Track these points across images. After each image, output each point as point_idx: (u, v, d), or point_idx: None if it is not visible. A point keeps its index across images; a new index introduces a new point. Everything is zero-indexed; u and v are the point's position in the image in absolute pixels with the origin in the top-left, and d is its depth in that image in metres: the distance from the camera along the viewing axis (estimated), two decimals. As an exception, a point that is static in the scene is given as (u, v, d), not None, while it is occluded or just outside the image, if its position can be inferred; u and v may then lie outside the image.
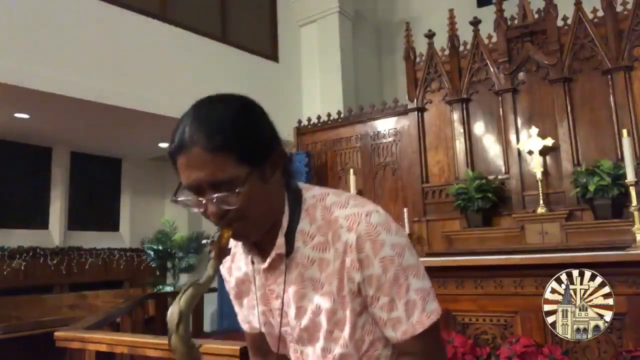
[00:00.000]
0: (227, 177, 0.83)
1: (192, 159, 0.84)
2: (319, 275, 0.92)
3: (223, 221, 0.86)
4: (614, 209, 4.31)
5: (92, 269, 6.91)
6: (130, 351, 2.59)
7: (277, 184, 0.93)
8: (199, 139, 0.84)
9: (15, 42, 4.45)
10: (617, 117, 4.53)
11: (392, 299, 0.89)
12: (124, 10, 5.29)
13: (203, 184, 0.85)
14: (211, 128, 0.84)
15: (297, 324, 0.95)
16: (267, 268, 0.95)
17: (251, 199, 0.85)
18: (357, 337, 0.92)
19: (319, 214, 0.93)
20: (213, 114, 0.87)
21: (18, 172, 6.52)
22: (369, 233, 0.88)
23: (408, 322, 0.90)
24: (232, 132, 0.84)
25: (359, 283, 0.89)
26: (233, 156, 0.83)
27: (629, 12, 4.60)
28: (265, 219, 0.91)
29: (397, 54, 6.92)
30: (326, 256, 0.91)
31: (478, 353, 2.54)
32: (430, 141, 5.50)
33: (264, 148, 0.88)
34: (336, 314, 0.91)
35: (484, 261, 2.74)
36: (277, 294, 0.96)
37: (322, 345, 0.94)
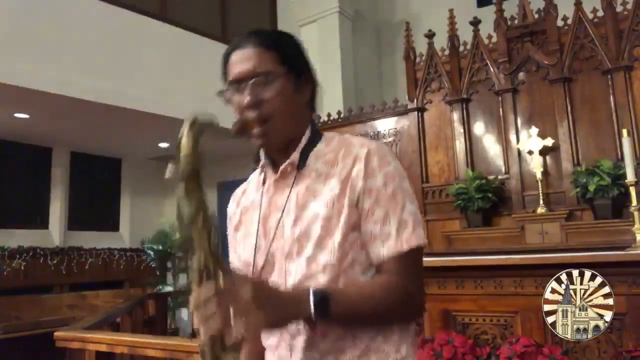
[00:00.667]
0: (267, 69, 0.97)
1: (244, 53, 0.99)
2: (323, 187, 0.98)
3: (256, 114, 0.96)
4: (614, 209, 4.31)
5: (92, 269, 6.91)
6: (130, 351, 2.60)
7: (305, 108, 1.05)
8: (251, 39, 1.00)
9: (15, 42, 4.45)
10: (617, 117, 4.53)
11: (387, 213, 0.95)
12: (124, 10, 5.29)
13: (246, 76, 0.97)
14: (263, 33, 1.02)
15: (292, 232, 0.97)
16: (277, 179, 1.02)
17: (282, 97, 0.97)
18: (344, 249, 0.95)
19: (336, 140, 1.04)
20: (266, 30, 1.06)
21: (18, 172, 6.52)
22: (379, 150, 0.99)
23: (397, 238, 0.95)
24: (278, 37, 1.03)
25: (359, 193, 0.95)
26: (276, 55, 0.98)
27: (629, 12, 4.59)
28: (290, 125, 1.00)
29: (397, 54, 6.91)
30: (333, 171, 0.99)
31: (478, 353, 2.54)
32: (430, 141, 5.50)
33: (302, 63, 1.04)
34: (330, 221, 0.95)
35: (484, 261, 2.74)
36: (279, 205, 1.01)
37: (309, 254, 0.95)
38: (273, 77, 0.97)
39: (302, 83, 1.02)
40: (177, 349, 2.33)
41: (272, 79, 0.96)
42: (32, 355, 4.43)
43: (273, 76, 0.97)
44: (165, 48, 5.60)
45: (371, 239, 0.96)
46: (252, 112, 0.96)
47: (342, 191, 0.96)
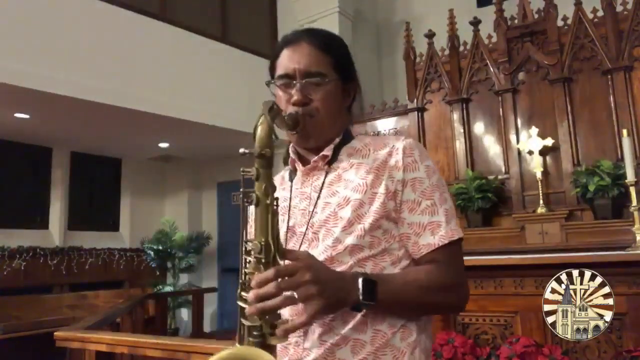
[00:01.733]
0: (320, 71, 0.99)
1: (298, 49, 1.01)
2: (354, 177, 0.99)
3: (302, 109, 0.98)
4: (614, 209, 4.30)
5: (92, 269, 6.91)
6: (130, 351, 2.60)
7: (347, 112, 1.09)
8: (309, 37, 1.02)
9: (15, 42, 4.45)
10: (617, 117, 4.52)
11: (434, 203, 0.97)
12: (124, 10, 5.29)
13: (299, 73, 0.99)
14: (322, 35, 1.05)
15: (318, 218, 0.99)
16: (307, 170, 1.04)
17: (330, 99, 1.00)
18: (376, 234, 0.95)
19: (369, 138, 1.07)
20: (323, 30, 1.09)
21: (18, 172, 6.52)
22: (417, 145, 1.01)
23: (447, 227, 0.96)
24: (335, 44, 1.06)
25: (398, 182, 0.96)
26: (330, 60, 1.01)
27: (629, 12, 4.59)
28: (330, 126, 1.03)
29: (397, 54, 6.91)
30: (366, 161, 1.00)
31: (478, 353, 2.54)
32: (430, 141, 5.50)
33: (352, 71, 1.07)
34: (362, 207, 0.96)
35: (484, 261, 2.74)
36: (307, 195, 1.03)
37: (336, 236, 0.95)
38: (325, 79, 0.99)
39: (347, 89, 1.06)
40: (177, 349, 2.33)
41: (323, 81, 0.99)
42: (32, 355, 4.43)
43: (325, 79, 0.99)
44: (165, 48, 5.59)
45: (420, 229, 0.96)
46: (299, 109, 0.98)
47: (376, 178, 0.97)
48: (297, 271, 0.82)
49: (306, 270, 0.82)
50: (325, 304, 0.83)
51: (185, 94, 5.61)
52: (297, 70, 0.99)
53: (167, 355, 2.37)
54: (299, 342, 0.96)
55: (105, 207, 7.54)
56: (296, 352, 0.96)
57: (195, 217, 8.02)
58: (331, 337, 0.93)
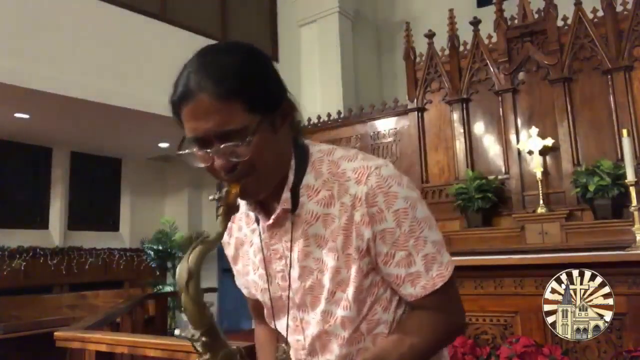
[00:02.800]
0: (237, 127, 0.78)
1: (199, 107, 0.79)
2: (324, 232, 0.88)
3: (232, 176, 0.81)
4: (614, 209, 4.31)
5: (92, 269, 6.91)
6: (130, 351, 2.59)
7: (286, 136, 0.89)
8: (206, 85, 0.78)
9: (15, 42, 4.45)
10: (617, 117, 4.52)
11: (409, 253, 0.86)
12: (124, 10, 5.29)
13: (210, 135, 0.79)
14: (219, 74, 0.79)
15: (301, 285, 0.90)
16: (271, 224, 0.90)
17: (261, 150, 0.80)
18: (361, 298, 0.88)
19: (325, 168, 0.89)
20: (220, 59, 0.83)
21: (18, 172, 6.52)
22: (380, 185, 0.84)
23: (428, 276, 0.87)
24: (241, 78, 0.80)
25: (368, 240, 0.85)
26: (243, 103, 0.78)
27: (629, 12, 4.59)
28: (274, 173, 0.86)
29: (397, 54, 6.91)
30: (331, 211, 0.87)
31: (478, 353, 2.54)
32: (430, 141, 5.50)
33: (274, 96, 0.84)
34: (340, 273, 0.87)
35: (484, 261, 2.74)
36: (280, 254, 0.92)
37: (323, 308, 0.89)
38: (245, 133, 0.78)
39: (279, 118, 0.85)
40: (177, 349, 2.33)
41: (244, 136, 0.78)
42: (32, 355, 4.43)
43: (245, 133, 0.78)
44: (165, 48, 5.59)
45: (399, 282, 0.88)
46: (229, 175, 0.82)
47: (346, 238, 0.86)
48: None
49: None
50: None
51: (185, 94, 5.60)
52: (209, 132, 0.79)
53: (167, 355, 2.36)
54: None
55: (105, 207, 7.54)
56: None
57: (195, 217, 8.03)
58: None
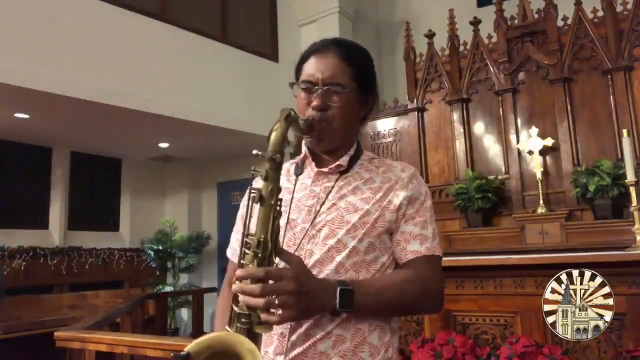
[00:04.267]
0: (341, 82, 1.07)
1: (326, 59, 1.09)
2: (363, 187, 1.09)
3: (318, 115, 1.05)
4: (614, 209, 4.31)
5: (92, 269, 6.91)
6: (130, 351, 2.60)
7: (360, 122, 1.17)
8: (336, 48, 1.10)
9: (15, 42, 4.45)
10: (617, 117, 4.53)
11: (425, 221, 1.09)
12: (124, 10, 5.29)
13: (322, 81, 1.07)
14: (346, 46, 1.13)
15: (325, 217, 1.06)
16: (323, 172, 1.11)
17: (346, 109, 1.08)
18: (372, 241, 1.05)
19: (377, 160, 1.17)
20: (349, 42, 1.16)
21: (18, 172, 6.52)
22: (416, 175, 1.14)
23: (432, 242, 1.08)
24: (359, 56, 1.13)
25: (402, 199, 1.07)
26: (352, 71, 1.09)
27: (629, 12, 4.59)
28: (345, 133, 1.11)
29: (397, 54, 6.91)
30: (375, 178, 1.11)
31: (478, 353, 2.54)
32: (430, 141, 5.50)
33: (373, 83, 1.15)
34: (368, 216, 1.05)
35: (484, 261, 2.74)
36: (316, 194, 1.10)
37: (339, 238, 1.03)
38: (344, 90, 1.07)
39: (365, 100, 1.14)
40: (177, 349, 2.33)
41: (343, 90, 1.07)
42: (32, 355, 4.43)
43: (345, 89, 1.07)
44: (165, 48, 5.59)
45: (410, 237, 1.07)
46: (317, 113, 1.06)
47: (384, 195, 1.08)
48: (284, 278, 0.88)
49: (292, 280, 0.88)
50: (297, 315, 0.90)
51: (185, 94, 5.61)
52: (321, 79, 1.07)
53: (167, 355, 2.36)
54: (285, 334, 1.01)
55: (105, 207, 7.53)
56: (280, 343, 1.02)
57: (195, 217, 8.02)
58: (317, 332, 0.99)
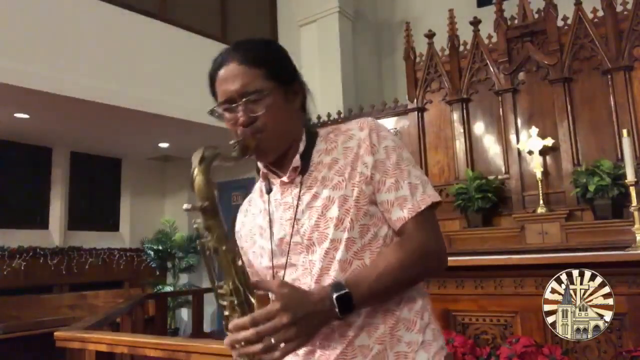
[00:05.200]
0: (256, 88, 0.99)
1: (229, 72, 1.00)
2: (329, 173, 1.03)
3: (248, 130, 0.99)
4: (614, 209, 4.30)
5: (92, 269, 6.91)
6: (130, 351, 2.59)
7: (297, 113, 1.08)
8: (235, 56, 1.01)
9: (15, 42, 4.45)
10: (617, 117, 4.52)
11: (396, 180, 1.01)
12: (124, 10, 5.29)
13: (236, 95, 0.99)
14: (246, 48, 1.03)
15: (309, 224, 1.01)
16: (284, 182, 1.05)
17: (274, 110, 1.00)
18: (363, 222, 0.99)
19: (333, 134, 1.08)
20: (248, 41, 1.06)
21: (18, 172, 6.52)
22: (374, 128, 1.04)
23: (413, 200, 1.00)
24: (263, 52, 1.03)
25: (371, 167, 1.01)
26: (263, 71, 1.00)
27: (629, 12, 4.59)
28: (284, 135, 1.03)
29: (397, 54, 6.91)
30: (337, 156, 1.04)
31: (478, 353, 2.54)
32: (430, 141, 5.50)
33: (288, 72, 1.05)
34: (347, 201, 0.99)
35: (484, 261, 2.74)
36: (290, 204, 1.04)
37: (332, 237, 0.98)
38: (263, 94, 0.99)
39: (291, 92, 1.05)
40: (177, 349, 2.33)
41: (262, 96, 0.99)
42: (32, 355, 4.43)
43: (262, 93, 0.99)
44: (165, 48, 5.59)
45: (389, 206, 1.01)
46: (247, 129, 0.99)
47: (352, 170, 1.01)
48: (274, 315, 0.84)
49: (283, 312, 0.84)
50: (303, 341, 0.87)
51: (185, 94, 5.61)
52: (234, 92, 0.99)
53: (167, 355, 2.36)
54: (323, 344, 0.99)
55: (105, 207, 7.54)
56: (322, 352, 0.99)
57: (195, 217, 8.01)
58: (350, 329, 0.97)
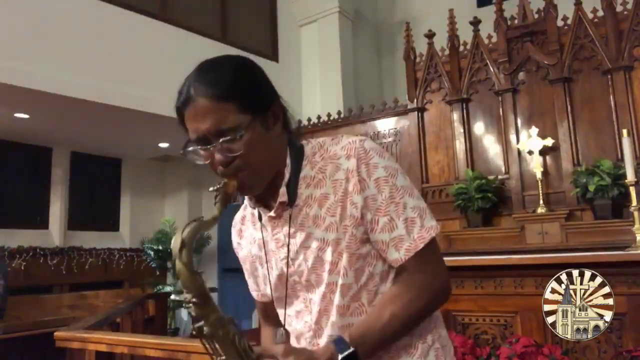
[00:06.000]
0: (231, 125, 0.89)
1: (198, 109, 0.90)
2: (320, 212, 0.96)
3: (229, 170, 0.91)
4: (614, 209, 4.30)
5: (92, 269, 6.91)
6: (130, 351, 2.59)
7: (280, 137, 0.99)
8: (203, 90, 0.90)
9: (15, 42, 4.45)
10: (617, 117, 4.52)
11: (391, 218, 0.94)
12: (124, 10, 5.29)
13: (209, 134, 0.90)
14: (214, 79, 0.91)
15: (305, 265, 0.97)
16: (273, 217, 0.99)
17: (254, 146, 0.91)
18: (357, 266, 0.95)
19: (318, 157, 0.99)
20: (214, 69, 0.94)
21: (18, 172, 6.52)
22: (362, 157, 0.95)
23: (410, 239, 0.94)
24: (233, 82, 0.91)
25: (361, 207, 0.94)
26: (235, 104, 0.90)
27: (629, 12, 4.59)
28: (268, 168, 0.96)
29: (397, 54, 6.91)
30: (327, 191, 0.96)
31: (478, 353, 2.54)
32: (430, 141, 5.50)
33: (264, 98, 0.95)
34: (340, 244, 0.94)
35: (484, 261, 2.74)
36: (282, 242, 1.00)
37: (327, 281, 0.95)
38: (239, 131, 0.89)
39: (270, 117, 0.95)
40: (177, 349, 2.33)
41: (238, 134, 0.89)
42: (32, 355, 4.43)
43: (239, 131, 0.89)
44: (165, 48, 5.59)
45: (385, 247, 0.95)
46: (226, 169, 0.92)
47: (343, 210, 0.94)
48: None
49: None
50: None
51: (185, 94, 5.60)
52: (207, 131, 0.90)
53: (167, 355, 2.36)
54: None
55: (105, 207, 7.54)
56: None
57: (195, 217, 8.01)
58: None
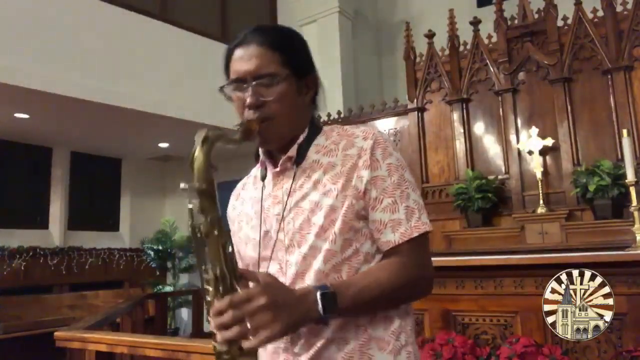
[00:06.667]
0: (270, 72, 0.97)
1: (247, 51, 0.99)
2: (323, 177, 0.99)
3: (256, 112, 0.97)
4: (614, 209, 4.30)
5: (92, 269, 6.92)
6: (130, 351, 2.60)
7: (307, 108, 1.06)
8: (257, 36, 1.00)
9: (16, 42, 4.45)
10: (617, 117, 4.52)
11: (394, 201, 0.98)
12: (123, 10, 5.29)
13: (249, 76, 0.97)
14: (269, 31, 1.02)
15: (293, 225, 0.99)
16: (277, 172, 1.04)
17: (283, 99, 0.98)
18: (347, 237, 0.97)
19: (335, 133, 1.05)
20: (273, 26, 1.06)
21: (18, 172, 6.52)
22: (380, 142, 1.00)
23: (407, 224, 0.98)
24: (283, 39, 1.01)
25: (367, 182, 0.97)
26: (280, 56, 0.98)
27: (629, 12, 4.59)
28: (289, 126, 1.01)
29: (397, 54, 6.91)
30: (335, 160, 1.00)
31: (478, 353, 2.54)
32: (430, 141, 5.50)
33: (305, 64, 1.04)
34: (335, 212, 0.96)
35: (484, 261, 2.74)
36: (279, 199, 1.02)
37: (312, 244, 0.96)
38: (276, 79, 0.97)
39: (304, 85, 1.03)
40: (177, 349, 2.33)
41: (274, 81, 0.97)
42: (32, 355, 4.43)
43: (276, 79, 0.97)
44: (165, 48, 5.59)
45: (381, 226, 0.98)
46: (254, 112, 0.97)
47: (347, 182, 0.97)
48: (252, 297, 0.81)
49: (261, 295, 0.81)
50: (282, 328, 0.82)
51: (185, 94, 5.61)
52: (247, 72, 0.97)
53: (167, 355, 2.37)
54: (288, 347, 0.98)
55: (105, 207, 7.54)
56: (287, 357, 0.98)
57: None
58: (317, 340, 0.95)
